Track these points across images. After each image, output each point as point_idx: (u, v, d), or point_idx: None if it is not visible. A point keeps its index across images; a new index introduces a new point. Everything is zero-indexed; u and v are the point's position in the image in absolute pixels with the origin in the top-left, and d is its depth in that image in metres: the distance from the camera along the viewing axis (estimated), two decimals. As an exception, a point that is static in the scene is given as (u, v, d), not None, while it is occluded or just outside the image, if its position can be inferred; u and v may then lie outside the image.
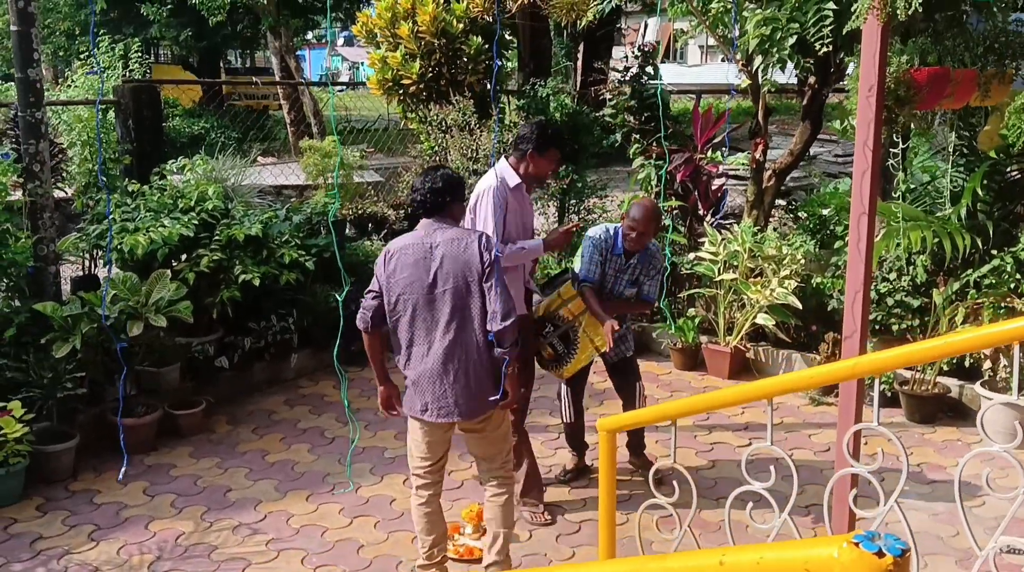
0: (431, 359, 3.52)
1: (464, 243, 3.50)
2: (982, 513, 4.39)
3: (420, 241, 3.56)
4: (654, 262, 4.64)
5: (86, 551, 4.13)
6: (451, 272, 3.47)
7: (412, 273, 3.52)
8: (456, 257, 3.48)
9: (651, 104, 7.55)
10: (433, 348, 3.51)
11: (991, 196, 5.92)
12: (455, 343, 3.49)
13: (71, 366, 4.90)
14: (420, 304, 3.51)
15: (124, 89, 6.31)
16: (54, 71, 22.92)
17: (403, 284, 3.54)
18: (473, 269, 3.46)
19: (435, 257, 3.51)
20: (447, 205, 3.60)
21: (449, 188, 3.59)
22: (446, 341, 3.49)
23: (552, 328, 4.60)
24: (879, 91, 2.84)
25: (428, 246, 3.53)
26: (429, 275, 3.49)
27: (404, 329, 3.57)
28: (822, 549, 0.98)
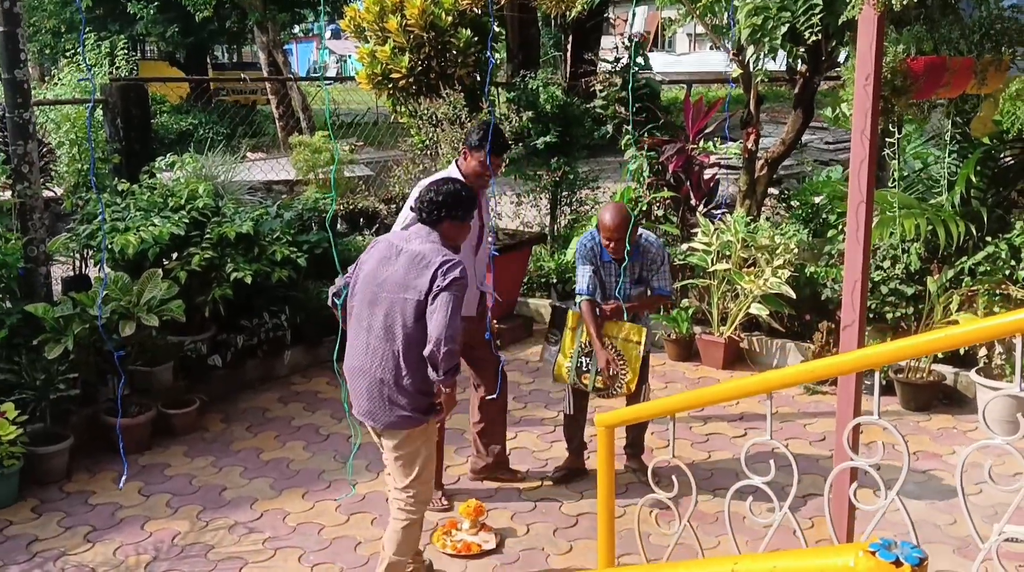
0: (358, 356, 3.51)
1: (424, 263, 3.42)
2: (980, 502, 4.39)
3: (396, 241, 3.56)
4: (651, 255, 4.53)
5: (82, 552, 4.10)
6: (397, 284, 3.43)
7: (374, 267, 3.52)
8: (407, 272, 3.43)
9: (642, 95, 7.53)
10: (362, 345, 3.50)
11: (985, 183, 5.93)
12: (379, 350, 3.44)
13: (64, 367, 4.86)
14: (367, 300, 3.50)
15: (112, 87, 6.25)
16: (40, 69, 22.75)
17: (363, 275, 3.56)
18: (418, 290, 3.38)
19: (395, 262, 3.48)
20: (440, 220, 3.54)
21: (447, 204, 3.53)
22: (372, 344, 3.46)
23: (588, 360, 4.50)
24: (876, 80, 2.82)
25: (397, 249, 3.52)
26: (382, 276, 3.48)
27: (352, 318, 3.58)
28: (838, 558, 0.96)
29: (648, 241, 4.54)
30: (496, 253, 6.50)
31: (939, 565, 3.93)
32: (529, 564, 4.05)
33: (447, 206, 3.53)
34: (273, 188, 8.57)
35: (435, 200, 3.53)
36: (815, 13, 5.19)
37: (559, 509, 4.51)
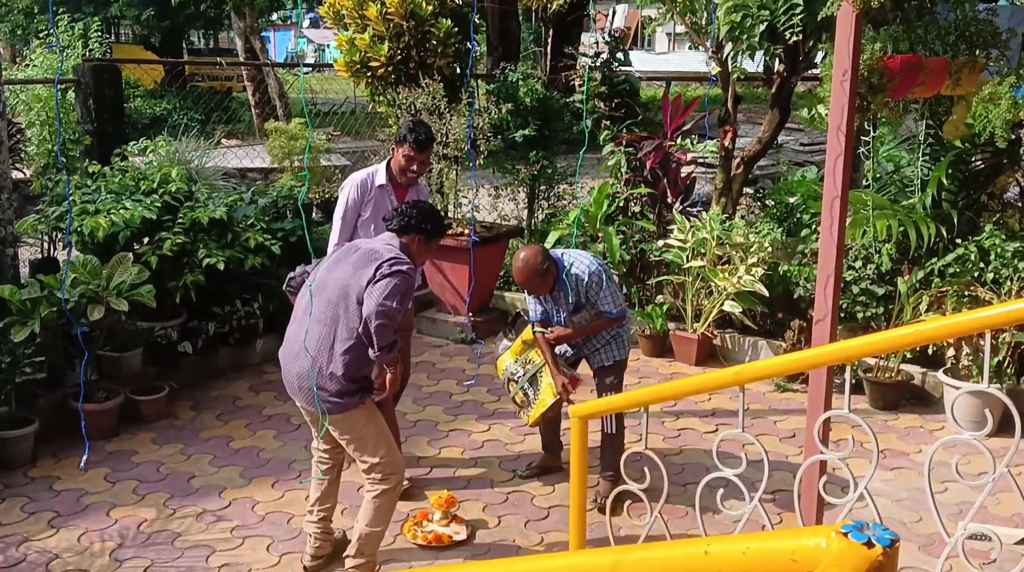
0: (294, 338, 3.64)
1: (374, 257, 3.54)
2: (945, 499, 4.45)
3: (359, 243, 3.74)
4: (583, 285, 4.29)
5: (46, 538, 4.05)
6: (345, 274, 3.55)
7: (331, 262, 3.70)
8: (357, 263, 3.56)
9: (621, 90, 7.53)
10: (300, 327, 3.58)
11: (956, 185, 5.99)
12: (315, 337, 3.53)
13: (30, 350, 4.78)
14: (316, 287, 3.62)
15: (84, 68, 6.16)
16: (12, 50, 22.39)
17: (322, 268, 3.71)
18: (361, 278, 3.50)
19: (347, 259, 3.63)
20: (407, 230, 3.67)
21: (418, 217, 3.68)
22: (312, 329, 3.53)
23: (522, 372, 4.52)
24: (853, 76, 2.84)
25: (355, 246, 3.69)
26: (335, 269, 3.61)
27: (297, 304, 3.75)
28: (810, 539, 0.96)
29: (579, 273, 4.29)
30: (476, 239, 6.56)
31: (905, 562, 3.97)
32: (500, 556, 4.04)
33: (418, 218, 3.67)
34: (248, 175, 8.50)
35: (407, 211, 3.68)
36: (795, 13, 5.23)
37: (531, 501, 4.51)
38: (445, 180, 7.10)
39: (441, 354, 6.65)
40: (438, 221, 3.80)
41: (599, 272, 4.29)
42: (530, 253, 4.23)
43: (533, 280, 4.23)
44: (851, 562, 0.90)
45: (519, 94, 7.63)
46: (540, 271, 4.19)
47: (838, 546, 0.93)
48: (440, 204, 7.16)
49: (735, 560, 1.02)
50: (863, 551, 0.92)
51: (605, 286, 4.30)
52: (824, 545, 0.95)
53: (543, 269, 4.19)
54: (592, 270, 4.28)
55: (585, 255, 4.41)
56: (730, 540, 1.06)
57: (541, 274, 4.20)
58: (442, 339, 6.94)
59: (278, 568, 3.91)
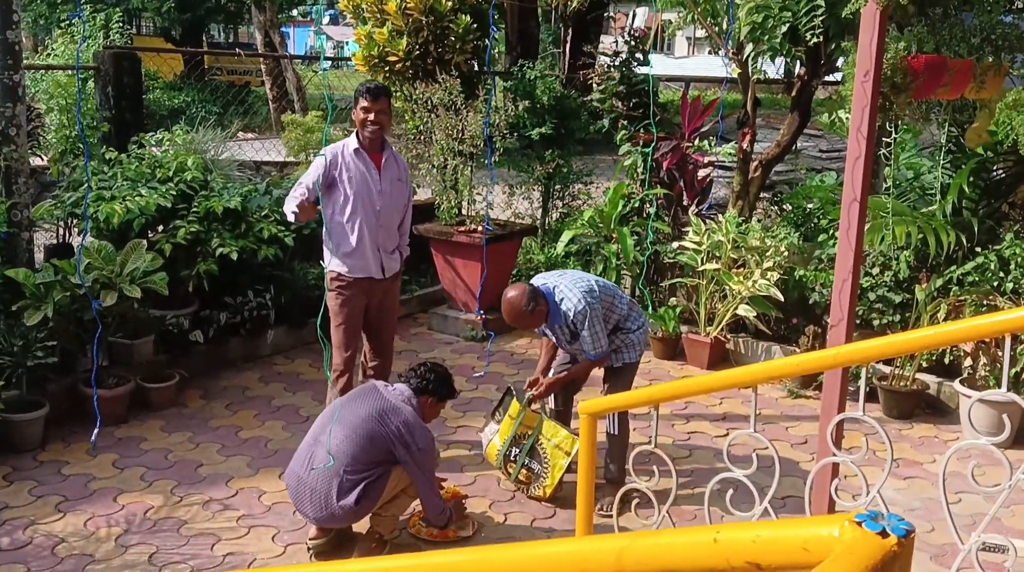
0: (305, 443, 3.90)
1: (392, 424, 3.75)
2: (959, 511, 4.39)
3: (378, 386, 3.95)
4: (569, 320, 4.24)
5: (52, 522, 4.05)
6: (360, 419, 3.75)
7: (351, 395, 3.99)
8: (373, 417, 3.76)
9: (640, 90, 7.49)
10: (306, 453, 3.83)
11: (977, 193, 5.93)
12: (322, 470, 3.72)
13: (42, 334, 4.79)
14: (328, 416, 3.89)
15: (104, 55, 6.18)
16: (34, 40, 22.54)
17: (338, 403, 3.99)
18: (379, 436, 3.72)
19: (365, 399, 3.86)
20: (424, 394, 3.93)
21: (435, 388, 3.95)
22: (315, 454, 3.77)
23: (518, 450, 4.42)
24: (875, 77, 2.80)
25: (376, 390, 3.90)
26: (351, 406, 3.85)
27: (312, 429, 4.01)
28: (822, 528, 0.93)
29: (565, 311, 4.23)
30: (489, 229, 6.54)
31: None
32: (504, 552, 4.02)
33: (435, 382, 3.95)
34: (263, 168, 8.50)
35: (426, 374, 3.95)
36: (817, 14, 5.19)
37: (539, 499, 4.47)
38: (460, 176, 7.08)
39: (452, 351, 6.63)
40: (450, 386, 4.06)
41: (584, 311, 4.19)
42: (516, 295, 4.22)
43: (521, 320, 4.27)
44: (864, 551, 0.87)
45: (536, 92, 7.61)
46: (527, 312, 4.20)
47: (851, 535, 0.90)
48: (454, 200, 7.14)
49: (745, 548, 0.99)
50: (877, 540, 0.89)
51: (587, 326, 4.21)
52: (837, 534, 0.92)
53: (530, 309, 4.20)
54: (578, 310, 4.20)
55: (575, 289, 4.25)
56: (740, 528, 1.03)
57: (529, 314, 4.22)
58: (453, 336, 6.92)
59: (283, 558, 3.89)
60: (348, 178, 4.43)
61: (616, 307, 4.39)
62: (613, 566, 1.10)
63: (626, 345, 4.44)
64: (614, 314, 4.38)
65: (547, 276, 4.47)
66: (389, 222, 4.59)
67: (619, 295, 4.47)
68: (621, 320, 4.42)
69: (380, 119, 4.44)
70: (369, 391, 3.93)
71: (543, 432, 4.41)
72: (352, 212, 4.44)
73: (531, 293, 4.21)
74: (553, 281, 4.36)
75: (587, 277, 4.41)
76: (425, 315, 7.30)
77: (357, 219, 4.44)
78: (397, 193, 4.60)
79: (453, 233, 6.83)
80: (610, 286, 4.49)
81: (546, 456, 4.39)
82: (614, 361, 4.46)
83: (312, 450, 3.79)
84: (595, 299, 4.25)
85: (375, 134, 4.45)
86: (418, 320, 7.27)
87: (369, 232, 4.47)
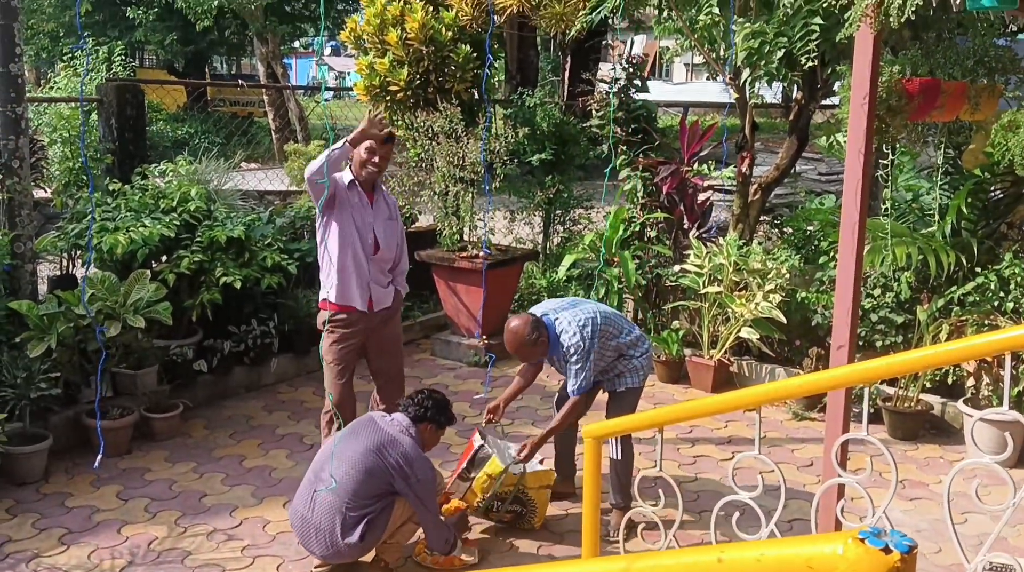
0: (306, 480, 3.93)
1: (390, 457, 3.76)
2: (965, 531, 4.37)
3: (377, 419, 3.95)
4: (562, 351, 4.27)
5: (56, 555, 4.03)
6: (359, 453, 3.76)
7: (349, 430, 3.98)
8: (371, 449, 3.77)
9: (638, 116, 7.55)
10: (307, 491, 3.87)
11: (976, 214, 5.95)
12: (328, 503, 3.75)
13: (46, 366, 4.80)
14: (328, 453, 3.83)
15: (107, 87, 6.24)
16: (36, 73, 22.76)
17: (340, 435, 3.99)
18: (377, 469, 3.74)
19: (364, 432, 3.87)
20: (422, 421, 3.94)
21: (433, 416, 3.95)
22: (319, 493, 3.80)
23: (500, 503, 4.35)
24: (871, 100, 2.83)
25: (373, 423, 3.91)
26: (350, 440, 3.85)
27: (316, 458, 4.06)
28: (826, 545, 0.94)
29: (563, 343, 4.25)
30: (488, 254, 6.56)
31: (923, 593, 3.90)
32: (510, 579, 3.99)
33: (433, 410, 3.95)
34: (266, 197, 8.55)
35: (424, 402, 3.95)
36: (812, 39, 5.23)
37: (544, 526, 4.46)
38: (461, 203, 7.12)
39: (455, 377, 6.63)
40: (448, 413, 4.05)
41: (578, 345, 4.20)
42: (520, 324, 4.24)
43: (523, 349, 4.28)
44: (868, 568, 0.88)
45: (536, 119, 7.67)
46: (529, 341, 4.22)
47: (855, 552, 0.91)
48: (455, 226, 7.17)
49: (749, 567, 0.99)
50: (881, 557, 0.89)
51: (575, 362, 4.23)
52: (840, 551, 0.92)
53: (532, 339, 4.21)
54: (573, 344, 4.21)
55: (574, 323, 4.25)
56: (744, 547, 1.04)
57: (531, 344, 4.23)
58: (456, 362, 6.93)
59: (287, 588, 3.88)
60: (348, 206, 4.44)
61: (618, 336, 4.38)
62: (618, 587, 1.11)
63: (628, 370, 4.44)
64: (614, 342, 4.37)
65: (550, 305, 4.46)
66: (381, 258, 4.56)
67: (622, 324, 4.45)
68: (624, 347, 4.42)
69: (382, 163, 4.49)
70: (367, 424, 3.92)
71: (526, 483, 4.35)
72: (346, 241, 4.42)
73: (534, 324, 4.23)
74: (555, 313, 4.35)
75: (591, 308, 4.37)
76: (428, 341, 7.31)
77: (349, 250, 4.42)
78: (390, 231, 4.59)
79: (455, 259, 6.86)
80: (614, 316, 4.45)
81: (530, 499, 4.38)
82: (617, 386, 4.45)
83: (314, 487, 3.80)
84: (593, 333, 4.24)
85: (372, 176, 4.48)
86: (421, 346, 7.28)
87: (360, 263, 4.45)
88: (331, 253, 4.45)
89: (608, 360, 4.39)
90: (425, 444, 3.94)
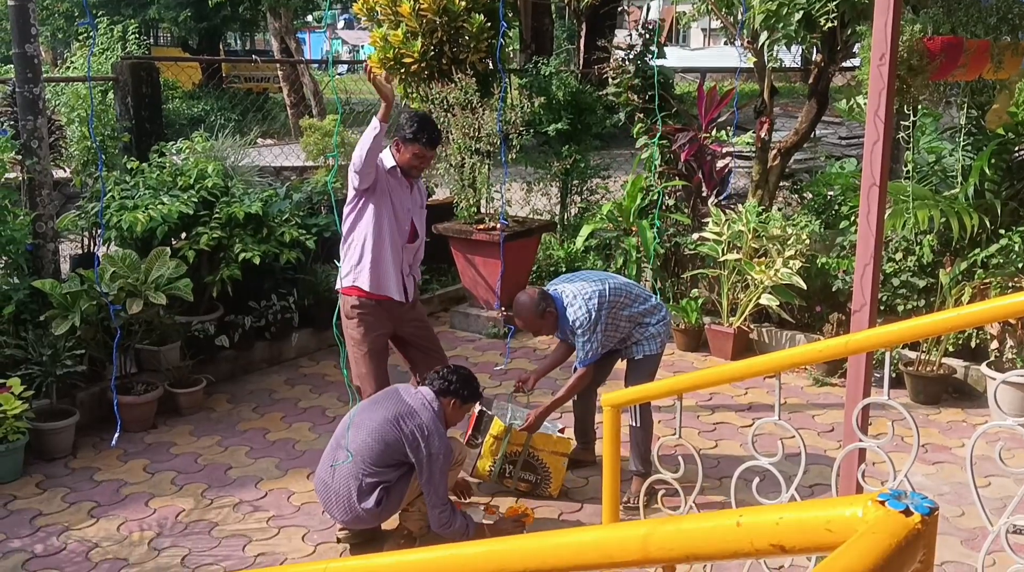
0: (328, 448, 3.96)
1: (406, 428, 3.73)
2: (988, 494, 4.35)
3: (400, 390, 3.95)
4: (571, 325, 4.29)
5: (86, 528, 4.11)
6: (377, 423, 3.77)
7: (371, 400, 4.00)
8: (389, 420, 3.76)
9: (655, 82, 7.48)
10: (328, 459, 3.90)
11: (999, 175, 5.86)
12: (348, 470, 3.78)
13: (70, 343, 4.86)
14: (354, 423, 3.86)
15: (123, 66, 6.24)
16: (52, 53, 22.80)
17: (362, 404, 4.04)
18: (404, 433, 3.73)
19: (385, 403, 3.86)
20: (446, 395, 3.90)
21: (457, 389, 3.90)
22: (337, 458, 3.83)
23: (511, 467, 4.39)
24: (891, 60, 2.78)
25: (397, 394, 3.90)
26: (371, 410, 3.87)
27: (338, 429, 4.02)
28: (846, 508, 0.94)
29: (570, 316, 4.26)
30: (505, 228, 6.55)
31: (947, 556, 3.90)
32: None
33: (457, 384, 3.91)
34: (283, 173, 8.56)
35: (449, 377, 3.92)
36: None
37: (564, 494, 4.48)
38: (478, 175, 7.10)
39: (474, 348, 6.65)
40: (474, 387, 4.00)
41: (584, 319, 4.21)
42: (528, 298, 4.28)
43: (533, 321, 4.31)
44: (888, 530, 0.87)
45: (551, 88, 7.61)
46: (537, 313, 4.25)
47: (875, 514, 0.90)
48: (472, 199, 7.16)
49: (768, 530, 0.99)
50: (901, 519, 0.89)
51: (581, 335, 4.25)
52: (860, 514, 0.92)
53: (540, 311, 4.25)
54: (580, 317, 4.22)
55: (580, 297, 4.25)
56: (763, 511, 1.04)
57: (539, 316, 4.27)
58: (475, 334, 6.94)
59: (313, 557, 3.93)
60: (387, 191, 4.28)
61: (631, 306, 4.38)
62: (638, 551, 1.11)
63: (645, 338, 4.43)
64: (627, 312, 4.37)
65: (560, 281, 4.48)
66: (415, 246, 4.51)
67: (637, 294, 4.44)
68: (639, 316, 4.41)
69: (427, 165, 4.45)
70: (391, 394, 3.93)
71: (534, 444, 4.39)
72: (383, 227, 4.28)
73: (541, 298, 4.27)
74: (563, 286, 4.38)
75: (599, 281, 4.36)
76: (447, 314, 7.33)
77: (387, 237, 4.28)
78: (420, 220, 4.53)
79: (472, 231, 6.85)
80: (626, 286, 4.42)
81: (543, 464, 4.40)
82: (635, 353, 4.45)
83: (334, 455, 3.84)
84: (600, 306, 4.24)
85: (417, 172, 4.41)
86: (440, 319, 7.30)
87: (396, 250, 4.33)
88: (365, 238, 4.27)
89: (624, 330, 4.39)
90: (449, 419, 3.92)
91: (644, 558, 1.17)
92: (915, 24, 2.97)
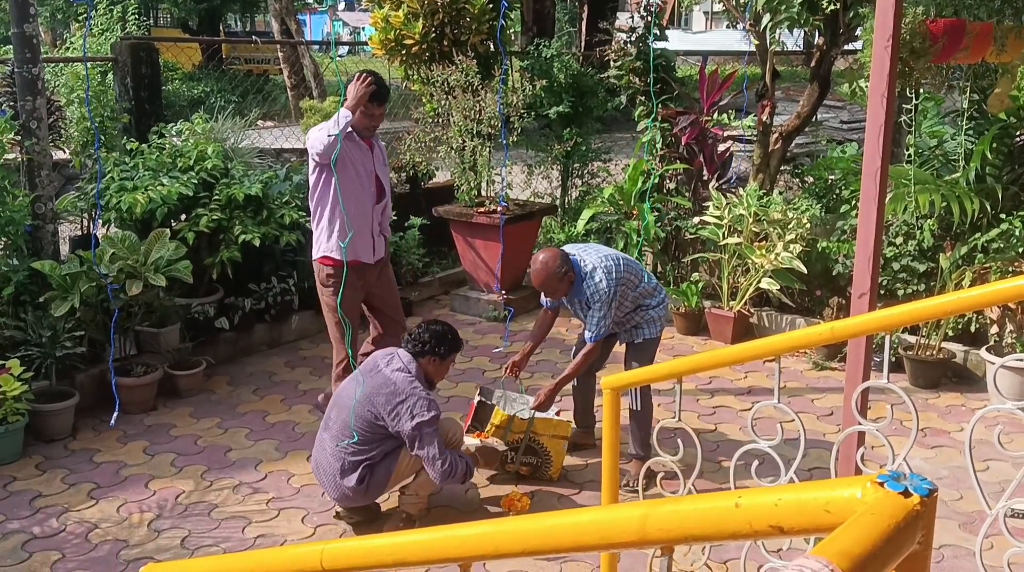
0: (322, 423, 4.01)
1: (392, 403, 3.72)
2: (987, 478, 4.36)
3: (379, 359, 3.91)
4: (585, 296, 4.23)
5: (85, 509, 4.12)
6: (355, 397, 3.77)
7: (348, 385, 3.96)
8: (373, 395, 3.76)
9: (657, 65, 7.44)
10: (323, 424, 3.98)
11: (1001, 159, 5.84)
12: (329, 444, 3.87)
13: (70, 325, 4.86)
14: (334, 403, 3.94)
15: (122, 46, 6.21)
16: (52, 33, 22.71)
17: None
18: (378, 407, 3.74)
19: (366, 380, 3.83)
20: (424, 356, 3.89)
21: (432, 347, 3.88)
22: (324, 439, 3.92)
23: (513, 453, 4.38)
24: (894, 42, 2.76)
25: (376, 369, 3.84)
26: (351, 391, 3.85)
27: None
28: (844, 489, 0.94)
29: (587, 287, 4.21)
30: (506, 212, 6.54)
31: (946, 540, 3.91)
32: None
33: (432, 342, 3.88)
34: (283, 155, 8.53)
35: (421, 336, 3.90)
36: (834, -18, 5.12)
37: (564, 476, 4.49)
38: (478, 158, 7.08)
39: (474, 332, 6.65)
40: (451, 340, 3.96)
41: (604, 292, 4.16)
42: (549, 256, 4.17)
43: (550, 283, 4.20)
44: (887, 511, 0.87)
45: (553, 70, 7.57)
46: (558, 275, 4.17)
47: (873, 496, 0.90)
48: (473, 181, 7.14)
49: (767, 511, 0.99)
50: (899, 500, 0.89)
51: (598, 309, 4.19)
52: (859, 495, 0.92)
53: (561, 273, 4.17)
54: (600, 290, 4.16)
55: (600, 268, 4.19)
56: (761, 492, 1.03)
57: (559, 278, 4.18)
58: (475, 317, 6.94)
59: (313, 539, 3.94)
60: (347, 156, 4.48)
61: (638, 285, 4.37)
62: (636, 532, 1.11)
63: (645, 321, 4.43)
64: (632, 292, 4.36)
65: (576, 248, 4.42)
66: (382, 205, 4.72)
67: (641, 273, 4.44)
68: (641, 297, 4.40)
69: (379, 121, 4.64)
70: (370, 369, 3.90)
71: (536, 429, 4.39)
72: (349, 192, 4.47)
73: (563, 258, 4.19)
74: (581, 254, 4.31)
75: (612, 254, 4.34)
76: (447, 297, 7.33)
77: (352, 200, 4.47)
78: (385, 177, 4.75)
79: (473, 214, 6.84)
80: (633, 264, 4.44)
81: (544, 448, 4.41)
82: (634, 337, 4.45)
83: (322, 434, 3.91)
84: (617, 281, 4.22)
85: (370, 130, 4.63)
86: (440, 302, 7.30)
87: (365, 214, 4.57)
88: (334, 207, 4.49)
89: (626, 310, 4.38)
90: (432, 377, 3.92)
91: (642, 539, 1.17)
92: (918, 6, 2.95)
